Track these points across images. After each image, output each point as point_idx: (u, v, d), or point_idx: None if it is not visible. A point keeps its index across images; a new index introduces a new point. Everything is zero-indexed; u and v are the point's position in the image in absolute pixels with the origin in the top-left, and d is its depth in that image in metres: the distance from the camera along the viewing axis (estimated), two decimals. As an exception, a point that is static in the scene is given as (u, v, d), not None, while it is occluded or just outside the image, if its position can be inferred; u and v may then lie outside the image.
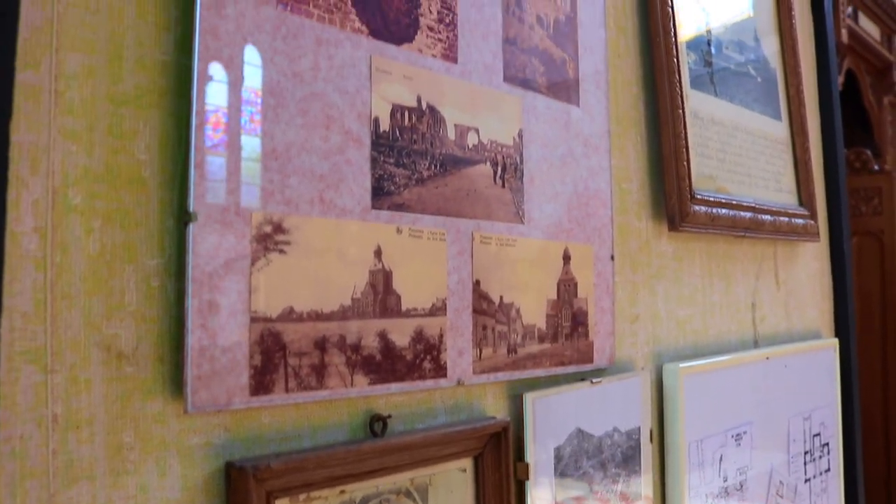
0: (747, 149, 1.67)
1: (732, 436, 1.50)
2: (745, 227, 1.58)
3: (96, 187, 0.71)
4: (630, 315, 1.33)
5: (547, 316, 1.11)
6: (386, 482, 0.89)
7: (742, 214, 1.56)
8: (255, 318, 0.78)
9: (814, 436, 1.80)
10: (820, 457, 1.83)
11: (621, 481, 1.23)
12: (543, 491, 1.08)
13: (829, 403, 1.89)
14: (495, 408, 1.06)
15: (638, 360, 1.34)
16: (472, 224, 1.01)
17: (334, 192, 0.85)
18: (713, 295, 1.57)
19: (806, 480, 1.76)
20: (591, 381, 1.17)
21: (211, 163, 0.75)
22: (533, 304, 1.09)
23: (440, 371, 0.95)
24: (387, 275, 0.90)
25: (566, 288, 1.14)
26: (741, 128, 1.66)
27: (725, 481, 1.47)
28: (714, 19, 1.62)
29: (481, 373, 1.01)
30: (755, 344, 1.70)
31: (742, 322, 1.67)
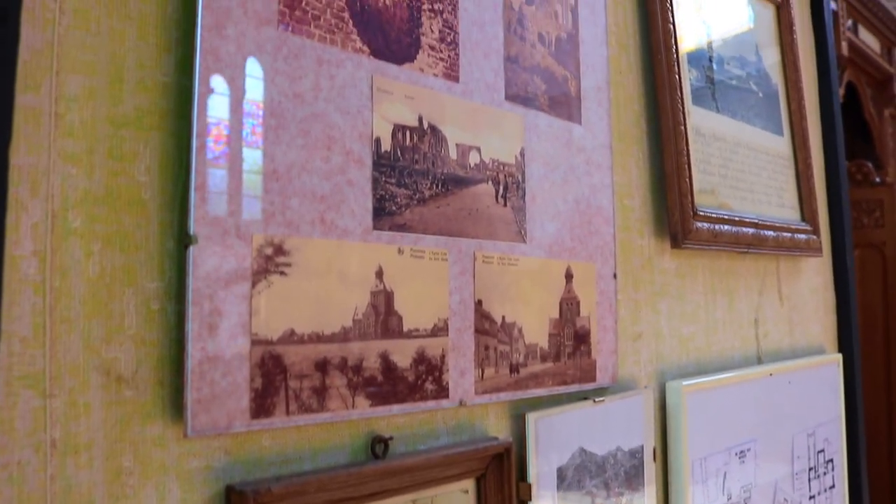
0: (749, 164, 1.66)
1: (736, 453, 1.49)
2: (748, 243, 1.57)
3: (96, 210, 0.71)
4: (633, 333, 1.32)
5: (549, 335, 1.10)
6: (387, 505, 0.89)
7: (745, 230, 1.56)
8: (256, 341, 0.77)
9: (818, 452, 1.79)
10: (824, 473, 1.82)
11: (624, 500, 1.22)
12: (546, 511, 1.07)
13: (834, 419, 1.88)
14: (497, 428, 1.05)
15: (641, 379, 1.33)
16: (474, 243, 1.00)
17: (335, 213, 0.85)
18: (716, 311, 1.57)
19: (811, 497, 1.75)
20: (594, 400, 1.16)
21: (212, 185, 0.75)
22: (535, 323, 1.08)
23: (442, 392, 0.95)
24: (388, 295, 0.89)
25: (568, 306, 1.14)
26: (743, 143, 1.65)
27: (729, 499, 1.46)
28: (715, 35, 1.63)
29: (483, 393, 1.00)
30: (758, 360, 1.69)
31: (745, 338, 1.66)
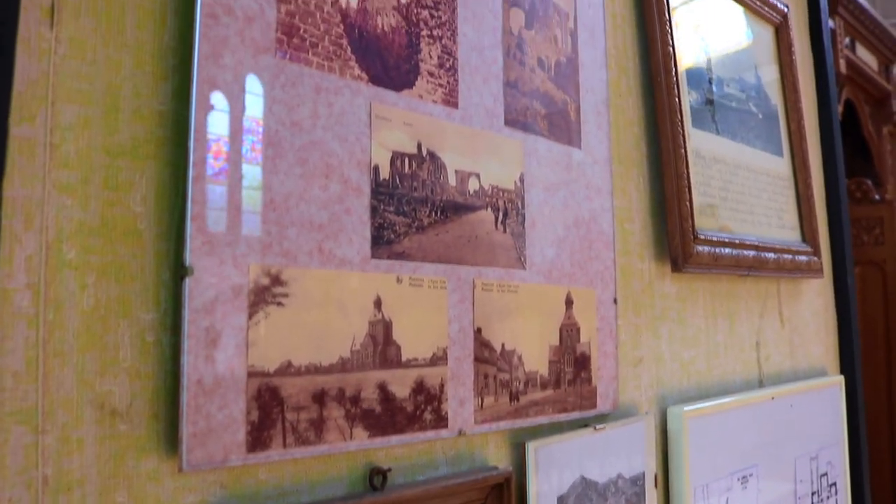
0: (749, 186, 1.66)
1: (738, 478, 1.48)
2: (749, 266, 1.56)
3: (91, 241, 0.70)
4: (633, 358, 1.31)
5: (549, 362, 1.09)
6: (386, 537, 0.87)
7: (745, 253, 1.55)
8: (253, 373, 0.76)
9: (821, 476, 1.78)
10: (828, 497, 1.80)
11: (626, 529, 1.20)
12: (547, 542, 1.06)
13: (836, 442, 1.86)
14: (497, 457, 1.04)
15: (642, 404, 1.32)
16: (474, 271, 0.99)
17: (333, 243, 0.84)
18: (717, 335, 1.55)
19: (813, 522, 1.73)
20: (595, 428, 1.15)
21: (208, 215, 0.74)
22: (535, 351, 1.07)
23: (441, 421, 0.94)
24: (387, 325, 0.88)
25: (569, 333, 1.12)
26: (743, 165, 1.65)
27: (732, 525, 1.45)
28: (714, 56, 1.62)
29: (483, 422, 0.99)
30: (760, 383, 1.68)
31: (747, 362, 1.65)
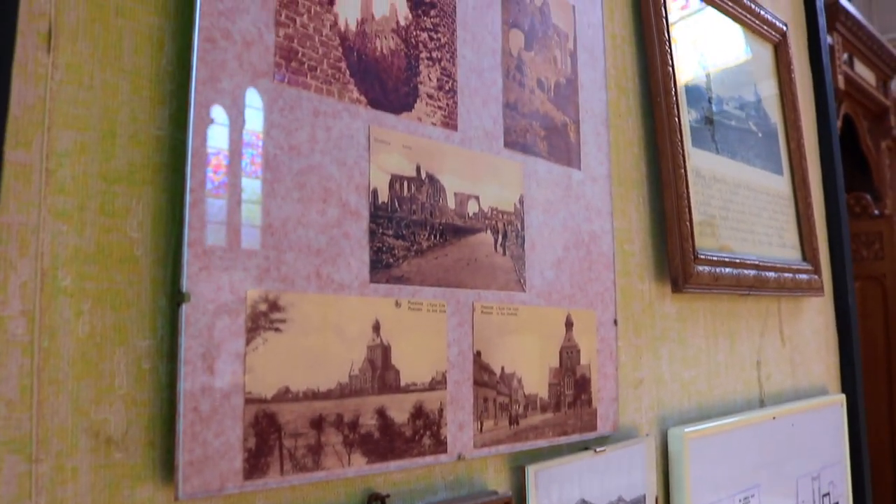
0: (750, 205, 1.65)
1: (740, 499, 1.47)
2: (750, 286, 1.56)
3: (87, 268, 0.69)
4: (634, 380, 1.30)
5: (549, 385, 1.08)
6: (384, 565, 0.86)
7: (746, 272, 1.54)
8: (250, 400, 0.75)
9: (823, 496, 1.76)
10: (829, 517, 1.79)
11: (627, 552, 1.19)
12: (547, 567, 1.05)
13: (838, 461, 1.85)
14: (497, 481, 1.03)
15: (642, 426, 1.31)
16: (473, 294, 0.98)
17: (332, 267, 0.83)
18: (718, 354, 1.55)
19: (816, 543, 1.72)
20: (595, 450, 1.14)
21: (206, 240, 0.74)
22: (535, 373, 1.06)
23: (440, 446, 0.93)
24: (385, 350, 0.87)
25: (569, 355, 1.12)
26: (743, 184, 1.65)
27: (734, 547, 1.43)
28: (714, 76, 1.62)
29: (482, 446, 0.98)
30: (761, 403, 1.67)
31: (748, 381, 1.64)
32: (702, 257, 1.41)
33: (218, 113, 0.76)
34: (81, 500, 0.67)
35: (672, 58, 1.44)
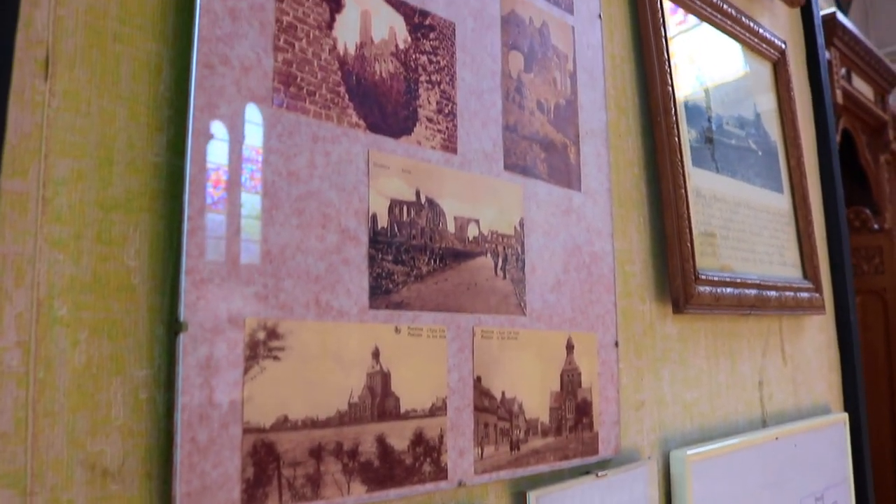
0: (750, 224, 1.65)
1: (743, 522, 1.45)
2: (751, 305, 1.55)
3: (83, 297, 0.69)
4: (635, 402, 1.29)
5: (550, 409, 1.07)
6: None
7: (747, 292, 1.54)
8: (248, 430, 0.74)
9: (826, 516, 1.75)
10: (833, 538, 1.77)
11: (630, 578, 1.18)
12: None
13: (842, 480, 1.84)
14: (498, 507, 1.02)
15: (644, 448, 1.29)
16: (473, 319, 0.98)
17: (331, 294, 0.83)
18: (719, 375, 1.54)
19: (819, 564, 1.70)
20: (597, 474, 1.13)
21: (203, 268, 0.73)
22: (536, 398, 1.05)
23: (440, 473, 0.92)
24: (385, 376, 0.87)
25: (570, 378, 1.11)
26: (743, 203, 1.64)
27: (737, 570, 1.42)
28: (713, 95, 1.62)
29: (483, 472, 0.97)
30: (763, 423, 1.66)
31: (749, 401, 1.63)
32: (703, 277, 1.41)
33: (216, 139, 0.75)
34: (77, 534, 0.66)
35: (672, 77, 1.43)
